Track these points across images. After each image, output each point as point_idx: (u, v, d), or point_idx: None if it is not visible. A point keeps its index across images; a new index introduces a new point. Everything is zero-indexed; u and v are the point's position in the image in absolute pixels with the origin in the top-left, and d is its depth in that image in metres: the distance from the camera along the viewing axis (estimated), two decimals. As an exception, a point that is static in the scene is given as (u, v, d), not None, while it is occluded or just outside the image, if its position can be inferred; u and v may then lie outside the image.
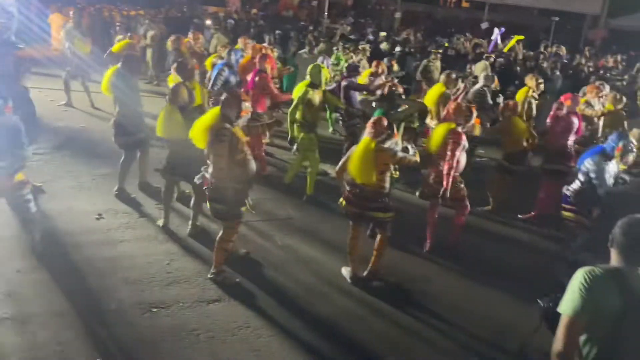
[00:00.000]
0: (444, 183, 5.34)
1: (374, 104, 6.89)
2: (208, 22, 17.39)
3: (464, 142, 5.41)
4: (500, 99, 8.68)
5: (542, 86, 8.04)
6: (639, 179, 5.73)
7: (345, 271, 5.00)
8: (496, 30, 13.65)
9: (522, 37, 13.47)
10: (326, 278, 4.96)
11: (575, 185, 5.26)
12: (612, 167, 5.05)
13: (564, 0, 25.30)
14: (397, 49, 11.53)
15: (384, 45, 11.47)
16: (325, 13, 24.54)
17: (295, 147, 7.31)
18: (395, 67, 9.94)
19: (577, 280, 2.31)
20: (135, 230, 5.51)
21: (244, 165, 4.47)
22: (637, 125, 7.25)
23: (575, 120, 6.47)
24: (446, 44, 12.89)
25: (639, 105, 6.49)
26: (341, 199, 4.89)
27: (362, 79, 8.36)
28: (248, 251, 5.25)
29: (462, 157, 5.43)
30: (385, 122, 4.69)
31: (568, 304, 2.30)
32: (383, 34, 15.53)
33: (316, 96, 6.57)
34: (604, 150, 5.07)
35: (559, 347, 2.29)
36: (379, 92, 7.09)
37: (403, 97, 6.92)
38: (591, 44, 22.37)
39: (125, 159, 6.23)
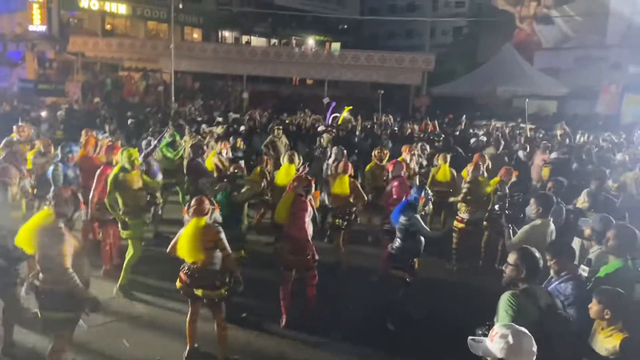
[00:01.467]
0: (309, 250, 5.57)
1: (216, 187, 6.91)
2: (43, 113, 16.50)
3: (310, 208, 5.68)
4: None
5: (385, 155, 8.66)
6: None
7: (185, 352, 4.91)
8: (332, 105, 14.90)
9: (350, 107, 14.84)
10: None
11: (397, 243, 5.76)
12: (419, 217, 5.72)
13: (390, 74, 28.64)
14: (242, 127, 11.91)
15: (218, 129, 11.80)
16: (172, 97, 24.69)
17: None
18: (240, 144, 10.23)
19: (507, 302, 3.18)
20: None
21: (80, 263, 4.21)
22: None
23: (403, 183, 7.09)
24: (287, 121, 13.68)
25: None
26: (177, 281, 4.80)
27: (209, 159, 8.52)
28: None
29: (309, 225, 5.67)
30: (205, 200, 4.79)
31: (505, 319, 3.08)
32: (234, 115, 16.01)
33: (132, 179, 6.37)
34: (410, 203, 5.74)
35: None
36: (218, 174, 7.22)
37: (245, 177, 7.06)
38: (418, 110, 25.32)
39: None
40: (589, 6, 29.38)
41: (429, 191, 5.99)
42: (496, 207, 5.76)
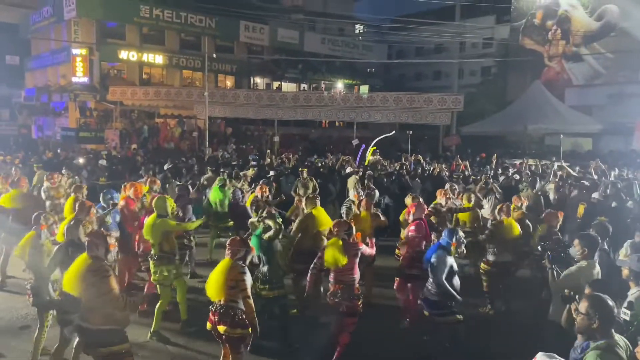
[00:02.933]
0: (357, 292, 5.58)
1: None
2: (81, 160, 17.13)
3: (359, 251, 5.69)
4: None
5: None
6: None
7: None
8: (362, 147, 15.13)
9: (374, 147, 15.07)
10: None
11: (436, 287, 5.59)
12: (450, 260, 5.64)
13: (419, 115, 28.82)
14: (271, 172, 12.11)
15: (250, 172, 12.12)
16: (207, 142, 25.38)
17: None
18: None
19: None
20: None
21: (121, 302, 4.40)
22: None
23: (424, 226, 6.92)
24: (317, 161, 13.90)
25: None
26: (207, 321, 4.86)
27: (248, 202, 8.81)
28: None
29: (357, 269, 5.69)
30: (239, 240, 4.90)
31: None
32: (268, 159, 16.32)
33: (170, 227, 6.54)
34: (442, 246, 5.69)
35: None
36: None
37: (279, 219, 7.18)
38: (448, 150, 25.25)
39: None
40: (620, 43, 29.21)
41: (461, 234, 5.87)
42: (539, 247, 5.64)
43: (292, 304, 7.06)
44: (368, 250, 5.97)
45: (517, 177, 12.31)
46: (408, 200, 8.11)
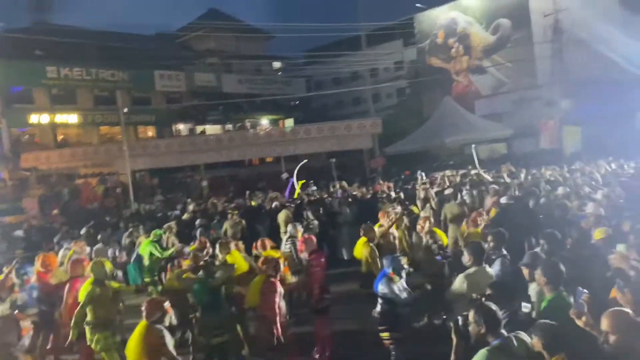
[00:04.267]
0: (275, 331, 5.53)
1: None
2: (-3, 235, 16.11)
3: (280, 289, 5.71)
4: None
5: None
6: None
7: None
8: (291, 180, 15.27)
9: (303, 181, 15.30)
10: None
11: (378, 308, 5.73)
12: (400, 285, 5.65)
13: (342, 142, 29.54)
14: (197, 221, 11.86)
15: (185, 216, 11.92)
16: (132, 197, 24.60)
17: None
18: None
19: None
20: None
21: None
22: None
23: (320, 257, 6.74)
24: (247, 200, 13.92)
25: None
26: None
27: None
28: None
29: (282, 304, 5.73)
30: (155, 301, 4.78)
31: None
32: (193, 207, 16.03)
33: (106, 291, 6.32)
34: (386, 274, 5.69)
35: None
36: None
37: (217, 263, 7.06)
38: (375, 171, 25.96)
39: None
40: (516, 53, 31.52)
41: (401, 259, 5.82)
42: (438, 257, 5.86)
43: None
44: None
45: (435, 190, 12.84)
46: (364, 230, 7.54)
